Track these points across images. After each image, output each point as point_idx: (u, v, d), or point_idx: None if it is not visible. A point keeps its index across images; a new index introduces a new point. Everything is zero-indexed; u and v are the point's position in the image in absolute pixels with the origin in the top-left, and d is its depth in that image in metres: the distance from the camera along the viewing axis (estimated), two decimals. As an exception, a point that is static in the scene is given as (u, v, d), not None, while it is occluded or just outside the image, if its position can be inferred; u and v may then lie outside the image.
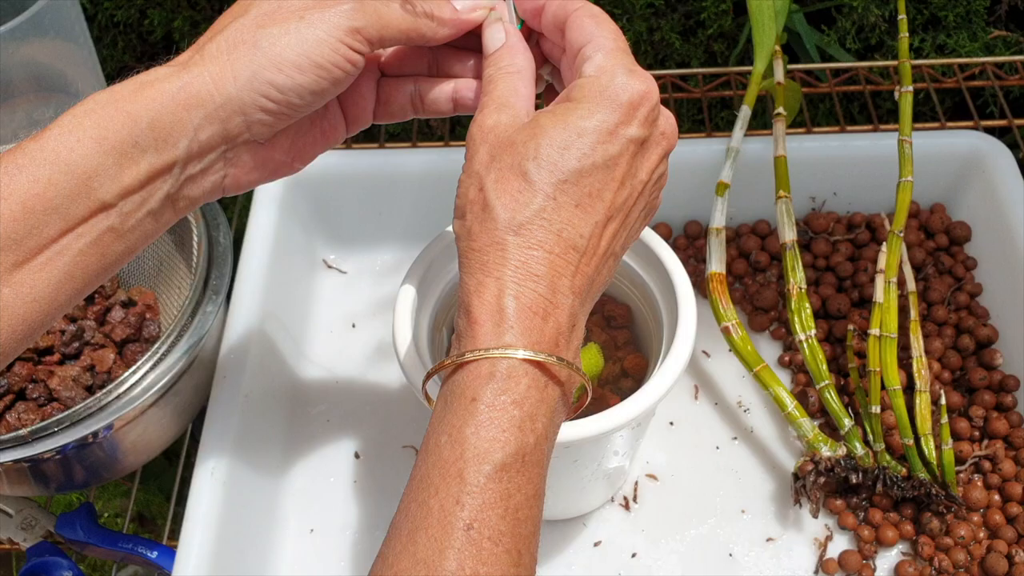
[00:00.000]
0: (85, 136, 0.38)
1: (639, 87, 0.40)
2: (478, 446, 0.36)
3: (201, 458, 0.61)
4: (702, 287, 0.69)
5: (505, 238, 0.38)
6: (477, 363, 0.37)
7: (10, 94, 0.74)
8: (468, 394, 0.37)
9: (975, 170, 0.77)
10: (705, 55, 0.96)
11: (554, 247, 0.38)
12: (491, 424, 0.36)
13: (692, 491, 0.66)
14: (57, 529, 0.64)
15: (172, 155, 0.40)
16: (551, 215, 0.38)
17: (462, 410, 0.37)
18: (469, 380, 0.37)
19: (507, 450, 0.36)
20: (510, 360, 0.37)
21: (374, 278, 0.78)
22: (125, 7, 0.97)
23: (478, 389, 0.37)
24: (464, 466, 0.36)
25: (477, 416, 0.36)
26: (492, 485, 0.36)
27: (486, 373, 0.37)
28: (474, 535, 0.35)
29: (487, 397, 0.37)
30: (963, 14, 0.91)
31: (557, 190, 0.38)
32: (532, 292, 0.38)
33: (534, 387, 0.37)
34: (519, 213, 0.38)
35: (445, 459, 0.36)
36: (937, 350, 0.71)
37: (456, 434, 0.36)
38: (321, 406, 0.71)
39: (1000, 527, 0.62)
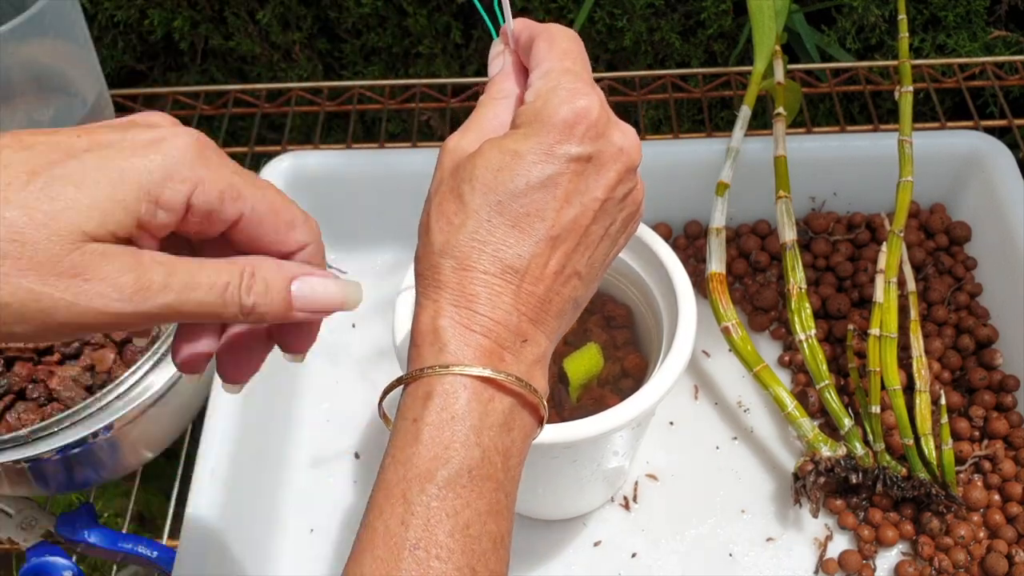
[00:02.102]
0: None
1: (578, 104, 0.39)
2: (419, 465, 0.36)
3: (201, 458, 0.61)
4: (702, 287, 0.69)
5: (440, 261, 0.39)
6: (416, 383, 0.38)
7: (10, 94, 0.74)
8: (409, 415, 0.37)
9: (975, 170, 0.77)
10: (705, 55, 0.96)
11: (489, 267, 0.38)
12: (432, 443, 0.36)
13: (692, 491, 0.66)
14: (57, 529, 0.64)
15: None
16: (485, 236, 0.38)
17: (404, 431, 0.37)
18: (410, 403, 0.38)
19: (450, 467, 0.36)
20: (447, 377, 0.37)
21: (374, 278, 0.78)
22: (125, 7, 0.97)
23: (418, 409, 0.37)
24: (407, 487, 0.36)
25: (418, 436, 0.37)
26: (436, 503, 0.36)
27: (423, 393, 0.37)
28: (420, 555, 0.35)
29: (427, 416, 0.37)
30: (963, 14, 0.91)
31: (491, 211, 0.38)
32: (468, 312, 0.38)
33: (475, 401, 0.37)
34: (453, 236, 0.39)
35: (389, 481, 0.36)
36: (937, 350, 0.71)
37: (399, 455, 0.37)
38: (321, 406, 0.71)
39: (1000, 527, 0.62)
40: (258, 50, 1.00)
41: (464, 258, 0.38)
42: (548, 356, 0.41)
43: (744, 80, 0.88)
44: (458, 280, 0.38)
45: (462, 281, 0.38)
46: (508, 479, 0.38)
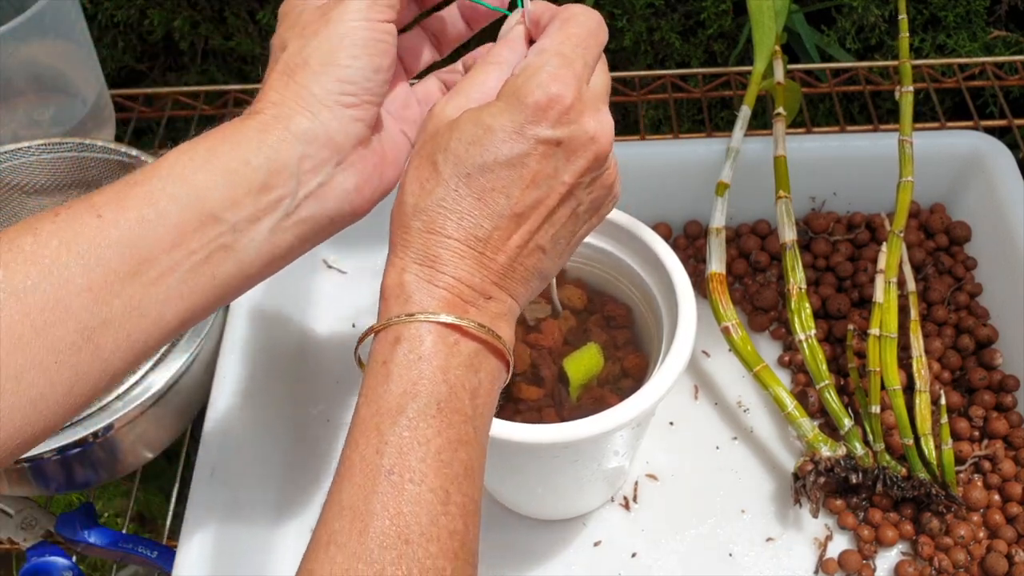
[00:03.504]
0: (197, 156, 0.40)
1: (552, 89, 0.40)
2: (390, 401, 0.38)
3: (201, 458, 0.61)
4: (702, 287, 0.69)
5: (410, 222, 0.41)
6: (386, 331, 0.39)
7: (10, 94, 0.74)
8: (379, 358, 0.39)
9: (975, 170, 0.77)
10: (705, 55, 0.96)
11: (453, 233, 0.40)
12: (400, 379, 0.38)
13: (692, 491, 0.66)
14: (57, 529, 0.64)
15: (283, 168, 0.42)
16: (451, 204, 0.40)
17: (375, 373, 0.39)
18: (379, 347, 0.39)
19: (419, 401, 0.38)
20: (413, 324, 0.39)
21: (374, 278, 0.78)
22: (125, 7, 0.97)
23: (387, 353, 0.39)
24: (380, 420, 0.38)
25: (388, 375, 0.39)
26: (407, 433, 0.37)
27: (392, 339, 0.39)
28: (395, 479, 0.36)
29: (396, 358, 0.39)
30: (963, 14, 0.91)
31: (460, 182, 0.40)
32: (431, 271, 0.40)
33: (441, 343, 0.39)
34: (423, 199, 0.40)
35: (362, 417, 0.38)
36: (937, 350, 0.71)
37: (370, 394, 0.38)
38: (321, 406, 0.71)
39: (1000, 527, 0.62)
40: (258, 50, 1.00)
41: (431, 221, 0.40)
42: (514, 314, 0.43)
43: (744, 80, 0.88)
44: (423, 242, 0.40)
45: (427, 243, 0.40)
46: (477, 415, 0.40)
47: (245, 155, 0.41)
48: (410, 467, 0.37)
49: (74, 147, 0.71)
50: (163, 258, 0.39)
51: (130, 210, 0.39)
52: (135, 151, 0.71)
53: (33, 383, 0.36)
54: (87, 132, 0.80)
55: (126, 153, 0.71)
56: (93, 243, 0.37)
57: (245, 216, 0.41)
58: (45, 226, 0.37)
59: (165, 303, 0.39)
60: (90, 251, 0.37)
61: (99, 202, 0.39)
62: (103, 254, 0.38)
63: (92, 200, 0.39)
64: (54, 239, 0.37)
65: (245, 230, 0.41)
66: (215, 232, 0.40)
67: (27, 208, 0.73)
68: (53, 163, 0.71)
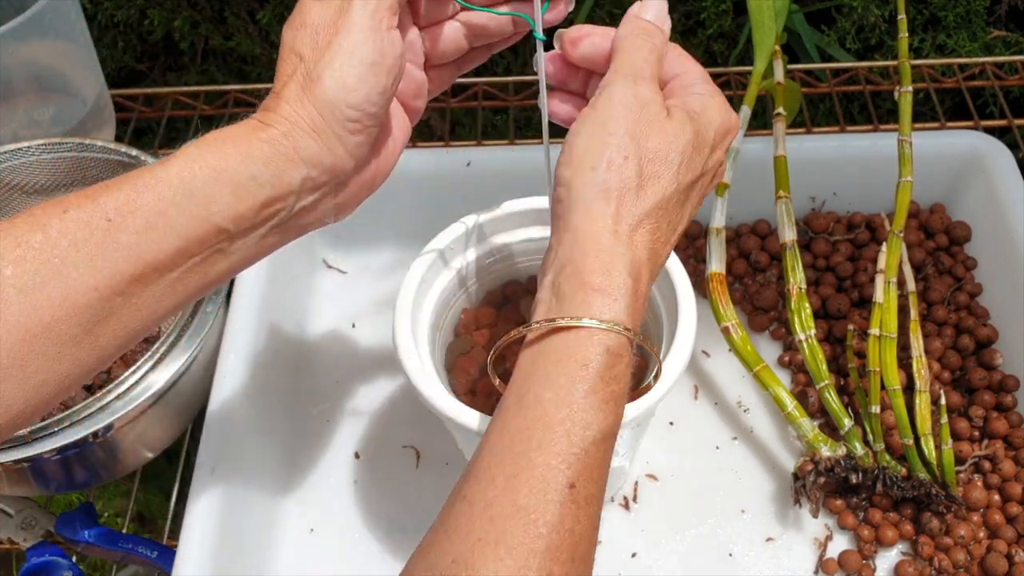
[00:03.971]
0: (206, 166, 0.41)
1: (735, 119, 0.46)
2: (586, 411, 0.38)
3: (201, 458, 0.61)
4: (702, 287, 0.69)
5: (642, 221, 0.41)
6: (589, 331, 0.39)
7: (10, 94, 0.74)
8: (578, 358, 0.38)
9: (975, 170, 0.77)
10: (705, 55, 0.96)
11: (660, 245, 0.42)
12: (596, 393, 0.38)
13: (692, 491, 0.66)
14: (57, 529, 0.64)
15: (287, 188, 0.42)
16: (671, 213, 0.42)
17: (572, 373, 0.38)
18: (579, 345, 0.39)
19: (607, 421, 0.38)
20: (619, 337, 0.39)
21: (374, 278, 0.78)
22: (125, 7, 0.97)
23: (590, 356, 0.38)
24: (572, 427, 0.37)
25: (588, 382, 0.38)
26: (594, 451, 0.37)
27: (598, 343, 0.39)
28: (574, 494, 0.36)
29: (598, 367, 0.38)
30: (963, 14, 0.91)
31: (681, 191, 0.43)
32: (638, 280, 0.40)
33: (627, 369, 0.40)
34: (651, 202, 0.41)
35: (551, 416, 0.37)
36: (937, 350, 0.71)
37: (564, 395, 0.38)
38: (321, 406, 0.71)
39: (1000, 527, 0.62)
40: (258, 50, 1.00)
41: (654, 227, 0.42)
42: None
43: (744, 80, 0.88)
44: (647, 242, 0.42)
45: (650, 243, 0.42)
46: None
47: (252, 171, 0.41)
48: (587, 487, 0.37)
49: (74, 147, 0.71)
50: (166, 262, 0.40)
51: (139, 216, 0.39)
52: (135, 151, 0.71)
53: (37, 371, 0.38)
54: (87, 132, 0.80)
55: (126, 153, 0.71)
56: (102, 246, 0.39)
57: (246, 227, 0.42)
58: (54, 223, 0.38)
59: (161, 299, 0.41)
60: (99, 254, 0.39)
61: (108, 205, 0.39)
62: (111, 256, 0.39)
63: (100, 201, 0.39)
64: (64, 239, 0.38)
65: (241, 237, 0.42)
66: (217, 240, 0.41)
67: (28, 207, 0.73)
68: (53, 163, 0.71)
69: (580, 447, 0.37)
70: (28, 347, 0.37)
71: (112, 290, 0.39)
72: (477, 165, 0.77)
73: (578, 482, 0.36)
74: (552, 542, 0.35)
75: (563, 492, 0.36)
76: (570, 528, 0.36)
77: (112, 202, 0.39)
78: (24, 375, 0.38)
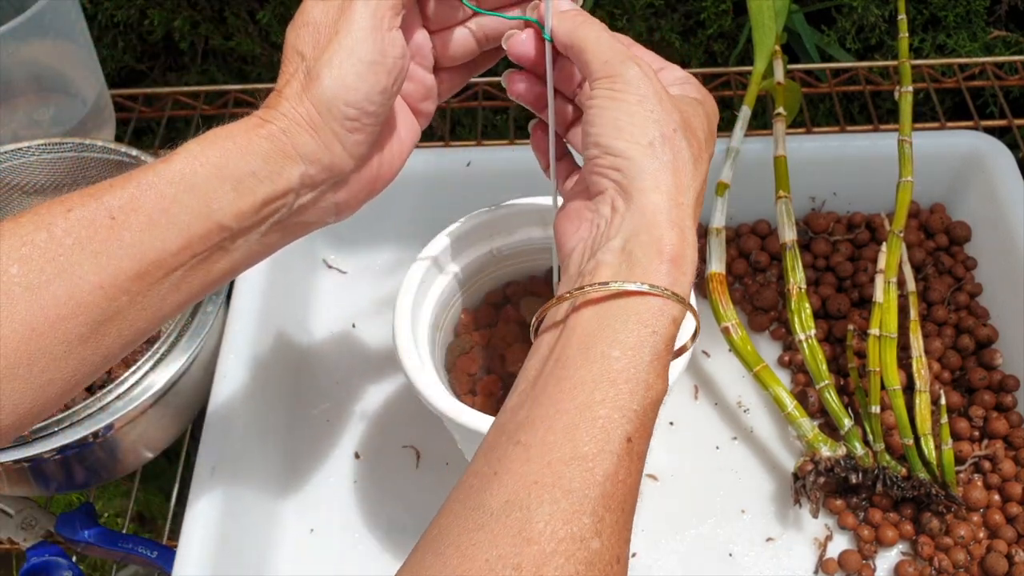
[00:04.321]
0: (207, 162, 0.41)
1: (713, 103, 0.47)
2: (649, 375, 0.38)
3: (201, 458, 0.61)
4: (702, 287, 0.69)
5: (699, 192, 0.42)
6: (663, 299, 0.39)
7: (10, 94, 0.74)
8: (648, 323, 0.39)
9: (975, 170, 0.77)
10: (705, 55, 0.96)
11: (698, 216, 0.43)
12: (660, 359, 0.39)
13: (692, 491, 0.66)
14: (57, 529, 0.64)
15: (286, 185, 0.43)
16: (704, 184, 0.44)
17: (641, 336, 0.39)
18: (650, 311, 0.39)
19: (663, 385, 0.39)
20: (682, 308, 0.40)
21: (374, 278, 0.78)
22: (125, 7, 0.97)
23: (659, 324, 0.39)
24: (635, 387, 0.38)
25: (655, 347, 0.39)
26: (651, 411, 0.38)
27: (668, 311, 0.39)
28: (631, 447, 0.37)
29: (664, 334, 0.39)
30: (963, 14, 0.91)
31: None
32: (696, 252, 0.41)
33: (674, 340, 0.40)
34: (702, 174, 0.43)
35: (617, 374, 0.38)
36: (937, 350, 0.71)
37: (632, 355, 0.38)
38: (321, 406, 0.71)
39: (1000, 527, 0.62)
40: (258, 50, 1.00)
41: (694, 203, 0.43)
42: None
43: (744, 80, 0.88)
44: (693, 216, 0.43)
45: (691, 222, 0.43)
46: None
47: (252, 166, 0.42)
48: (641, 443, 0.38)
49: (74, 147, 0.71)
50: (169, 260, 0.41)
51: (142, 214, 0.40)
52: (135, 151, 0.71)
53: (44, 370, 0.38)
54: (87, 132, 0.80)
55: (126, 153, 0.71)
56: (106, 244, 0.39)
57: (247, 225, 0.43)
58: (58, 222, 0.39)
59: (164, 298, 0.41)
60: (103, 251, 0.39)
61: (112, 203, 0.40)
62: (115, 254, 0.39)
63: (103, 200, 0.40)
64: (68, 237, 0.39)
65: (243, 235, 0.43)
66: (219, 237, 0.42)
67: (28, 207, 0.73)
68: (53, 163, 0.71)
69: (640, 405, 0.38)
70: (35, 345, 0.38)
71: (117, 288, 0.39)
72: (477, 165, 0.77)
73: (634, 437, 0.37)
74: (606, 490, 0.36)
75: (622, 444, 0.37)
76: (623, 479, 0.36)
77: (115, 200, 0.40)
78: (31, 374, 0.38)
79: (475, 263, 0.61)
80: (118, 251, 0.39)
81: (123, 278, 0.40)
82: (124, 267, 0.39)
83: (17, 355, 0.37)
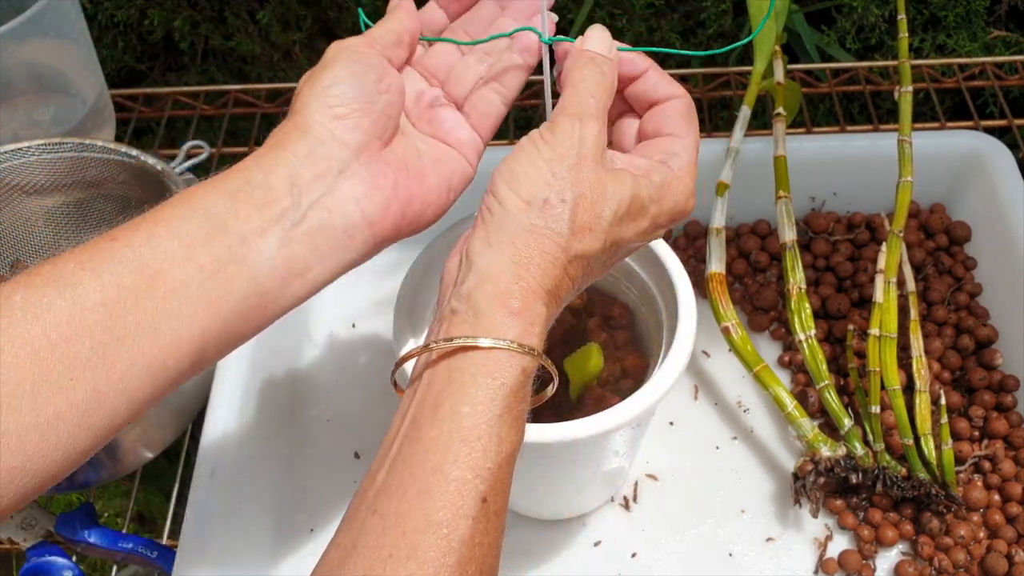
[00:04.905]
0: (206, 185, 0.42)
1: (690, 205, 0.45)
2: (502, 429, 0.38)
3: (201, 458, 0.61)
4: (702, 287, 0.69)
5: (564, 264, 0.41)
6: (510, 352, 0.39)
7: (10, 94, 0.75)
8: (497, 377, 0.39)
9: (975, 170, 0.77)
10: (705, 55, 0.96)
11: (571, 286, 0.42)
12: (511, 411, 0.39)
13: (692, 491, 0.66)
14: (57, 529, 0.64)
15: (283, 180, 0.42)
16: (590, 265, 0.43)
17: (490, 391, 0.38)
18: (498, 364, 0.39)
19: (517, 438, 0.39)
20: (532, 360, 0.40)
21: (374, 278, 0.78)
22: (125, 7, 0.97)
23: (508, 376, 0.39)
24: (488, 443, 0.37)
25: (505, 400, 0.38)
26: (506, 466, 0.38)
27: (516, 364, 0.39)
28: (486, 508, 0.37)
29: (514, 386, 0.39)
30: (963, 14, 0.91)
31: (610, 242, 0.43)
32: (550, 309, 0.41)
33: (529, 392, 0.40)
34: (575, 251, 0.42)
35: (468, 431, 0.38)
36: (937, 350, 0.71)
37: (483, 411, 0.38)
38: (321, 406, 0.71)
39: (1000, 527, 0.62)
40: (258, 50, 1.00)
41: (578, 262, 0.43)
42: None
43: (744, 80, 0.88)
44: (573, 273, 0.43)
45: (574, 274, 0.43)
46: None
47: (247, 176, 0.42)
48: (498, 500, 0.37)
49: (74, 147, 0.71)
50: (174, 271, 0.39)
51: (141, 231, 0.40)
52: (135, 151, 0.71)
53: (50, 400, 0.36)
54: (87, 132, 0.80)
55: (126, 153, 0.71)
56: (106, 261, 0.39)
57: (252, 228, 0.41)
58: (63, 256, 0.39)
59: (178, 320, 0.39)
60: (103, 268, 0.38)
61: (115, 232, 0.40)
62: (116, 270, 0.38)
63: (109, 232, 0.40)
64: (70, 262, 0.38)
65: (253, 242, 0.41)
66: (224, 244, 0.40)
67: (28, 208, 0.73)
68: (53, 163, 0.71)
69: (494, 462, 0.37)
70: (38, 369, 0.36)
71: (121, 306, 0.38)
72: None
73: (490, 496, 0.37)
74: (463, 555, 0.35)
75: (476, 506, 0.36)
76: (480, 541, 0.36)
77: (117, 230, 0.40)
78: (36, 403, 0.35)
79: (475, 263, 0.61)
80: (118, 266, 0.38)
81: (126, 294, 0.38)
82: (126, 283, 0.38)
83: (19, 381, 0.35)
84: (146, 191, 0.73)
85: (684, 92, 0.46)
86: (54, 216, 0.75)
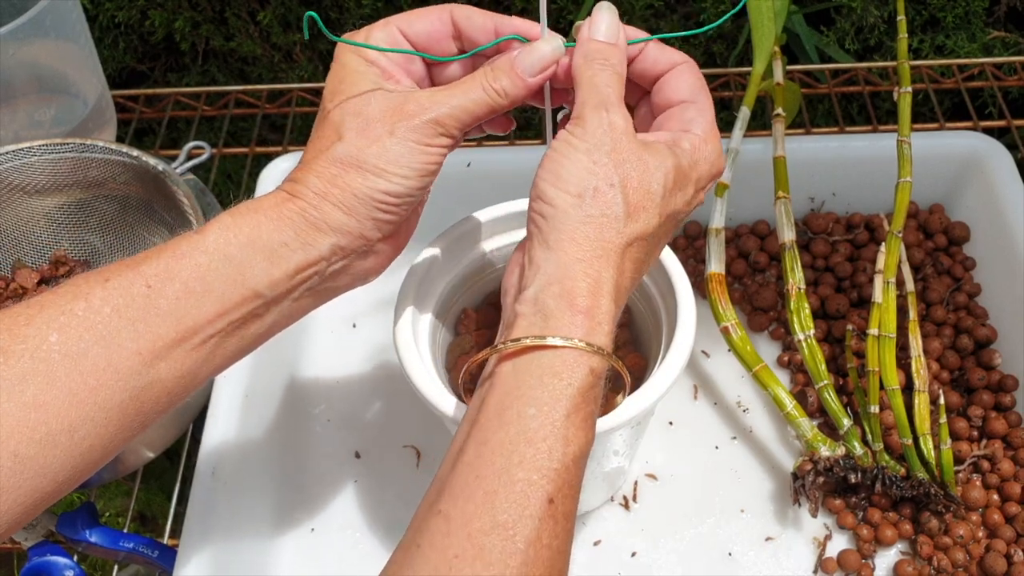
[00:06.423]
0: (241, 233, 0.42)
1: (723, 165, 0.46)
2: (568, 430, 0.38)
3: (201, 458, 0.61)
4: (701, 287, 0.69)
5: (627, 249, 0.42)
6: (578, 351, 0.39)
7: (11, 95, 0.75)
8: (564, 377, 0.39)
9: (974, 171, 0.77)
10: (704, 56, 0.97)
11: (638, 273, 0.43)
12: (578, 412, 0.39)
13: (691, 491, 0.66)
14: (58, 528, 0.64)
15: (317, 255, 0.43)
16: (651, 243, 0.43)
17: (556, 391, 0.39)
18: (565, 365, 0.39)
19: (586, 439, 0.39)
20: (602, 359, 0.40)
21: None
22: (126, 8, 0.97)
23: (575, 376, 0.39)
24: (554, 444, 0.38)
25: (572, 401, 0.39)
26: (573, 467, 0.38)
27: (584, 364, 0.39)
28: (553, 510, 0.37)
29: (582, 387, 0.39)
30: (962, 15, 0.91)
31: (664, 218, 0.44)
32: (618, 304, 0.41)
33: (602, 389, 0.40)
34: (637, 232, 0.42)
35: (533, 432, 0.38)
36: (936, 350, 0.71)
37: (548, 412, 0.38)
38: (321, 406, 0.71)
39: (999, 526, 0.63)
40: (259, 51, 1.00)
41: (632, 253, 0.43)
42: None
43: (743, 81, 0.89)
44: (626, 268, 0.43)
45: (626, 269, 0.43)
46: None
47: (284, 238, 0.42)
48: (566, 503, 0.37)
49: (75, 147, 0.71)
50: (205, 327, 0.41)
51: (177, 282, 0.40)
52: (136, 151, 0.71)
53: (85, 436, 0.38)
54: (88, 133, 0.80)
55: (127, 153, 0.71)
56: (143, 312, 0.39)
57: (280, 292, 0.43)
58: (96, 291, 0.39)
59: (203, 364, 0.42)
60: (140, 319, 0.39)
61: (148, 272, 0.40)
62: (152, 322, 0.39)
63: (140, 269, 0.40)
64: (107, 306, 0.39)
65: (276, 303, 0.43)
66: (253, 305, 0.42)
67: (29, 208, 0.74)
68: (55, 163, 0.71)
69: (561, 463, 0.37)
70: (77, 412, 0.38)
71: (154, 354, 0.39)
72: (477, 166, 0.77)
73: (556, 497, 0.37)
74: (529, 557, 0.36)
75: (542, 507, 0.36)
76: (547, 543, 0.36)
77: (151, 269, 0.40)
78: (73, 440, 0.38)
79: (475, 263, 0.61)
80: (155, 318, 0.40)
81: (160, 345, 0.40)
82: (161, 334, 0.40)
83: (59, 422, 0.37)
84: (147, 191, 0.73)
85: (686, 57, 0.46)
86: (55, 216, 0.75)
